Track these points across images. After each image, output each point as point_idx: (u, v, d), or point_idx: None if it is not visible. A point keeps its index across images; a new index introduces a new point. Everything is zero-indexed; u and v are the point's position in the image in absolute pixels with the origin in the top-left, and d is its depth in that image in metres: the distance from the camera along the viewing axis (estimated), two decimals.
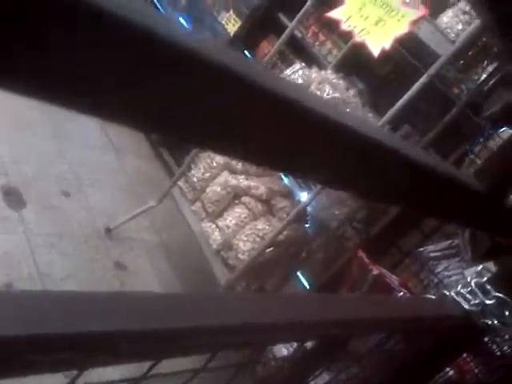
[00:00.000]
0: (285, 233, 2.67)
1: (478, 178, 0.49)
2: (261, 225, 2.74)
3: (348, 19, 2.09)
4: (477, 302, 0.93)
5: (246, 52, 3.68)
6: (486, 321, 0.93)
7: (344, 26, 2.16)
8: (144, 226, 3.15)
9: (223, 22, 3.80)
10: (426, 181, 0.43)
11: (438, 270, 2.15)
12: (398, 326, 0.73)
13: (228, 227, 2.74)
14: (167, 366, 0.48)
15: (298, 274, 3.13)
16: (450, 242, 2.27)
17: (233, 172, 2.95)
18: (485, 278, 0.97)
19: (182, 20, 3.89)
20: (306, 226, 3.10)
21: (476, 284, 0.95)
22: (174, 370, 0.56)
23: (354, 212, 3.05)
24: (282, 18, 3.44)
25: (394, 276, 2.22)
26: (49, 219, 2.72)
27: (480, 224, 0.60)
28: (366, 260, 2.32)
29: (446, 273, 2.14)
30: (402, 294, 2.01)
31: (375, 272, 2.18)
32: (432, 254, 2.22)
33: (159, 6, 3.98)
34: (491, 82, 2.90)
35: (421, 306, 0.86)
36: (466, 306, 0.92)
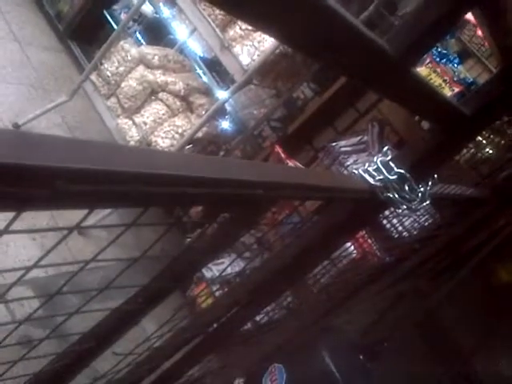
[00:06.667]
0: (204, 130, 2.67)
1: (389, 43, 0.52)
2: (179, 121, 2.71)
3: None
4: (381, 177, 1.03)
5: None
6: (388, 194, 1.04)
7: None
8: (55, 122, 2.99)
9: None
10: (343, 31, 0.45)
11: (348, 163, 2.30)
12: (315, 194, 0.79)
13: (145, 124, 2.68)
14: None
15: None
16: (359, 137, 2.41)
17: (149, 67, 2.84)
18: (389, 157, 1.07)
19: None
20: (225, 124, 3.11)
21: (381, 162, 1.05)
22: None
23: (271, 111, 3.10)
24: None
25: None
26: None
27: (385, 89, 0.65)
28: (283, 155, 2.41)
29: (355, 166, 2.29)
30: None
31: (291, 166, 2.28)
32: (343, 149, 2.35)
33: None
34: None
35: (335, 179, 0.93)
36: (372, 181, 1.02)
